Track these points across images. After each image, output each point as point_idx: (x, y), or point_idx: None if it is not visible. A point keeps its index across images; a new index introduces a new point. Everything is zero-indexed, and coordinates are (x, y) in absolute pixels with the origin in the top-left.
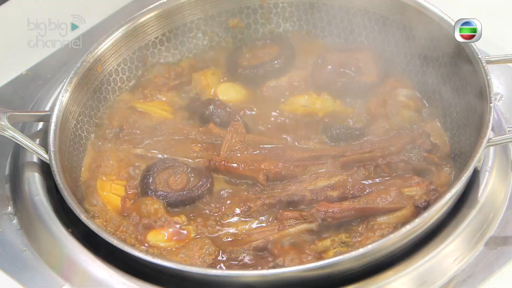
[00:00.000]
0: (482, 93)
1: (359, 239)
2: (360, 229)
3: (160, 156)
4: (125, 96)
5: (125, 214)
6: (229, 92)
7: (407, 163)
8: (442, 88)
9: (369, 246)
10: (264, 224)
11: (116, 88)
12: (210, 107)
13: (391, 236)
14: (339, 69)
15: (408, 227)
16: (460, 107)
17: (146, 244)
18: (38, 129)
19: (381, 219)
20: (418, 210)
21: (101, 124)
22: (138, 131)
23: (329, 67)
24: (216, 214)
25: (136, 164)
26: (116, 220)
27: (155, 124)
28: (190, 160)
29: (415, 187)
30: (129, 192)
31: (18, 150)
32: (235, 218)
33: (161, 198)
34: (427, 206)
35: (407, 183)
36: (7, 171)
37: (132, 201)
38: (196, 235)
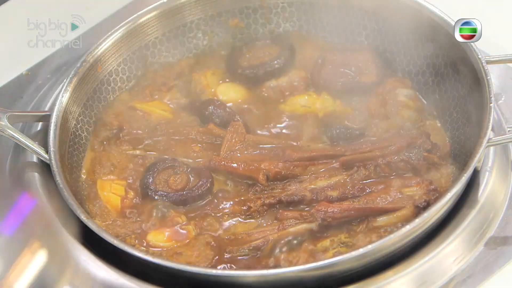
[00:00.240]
0: (482, 93)
1: (359, 239)
2: (360, 229)
3: (160, 156)
4: (125, 96)
5: (125, 214)
6: (229, 92)
7: (407, 163)
8: (442, 88)
9: (369, 246)
10: (264, 224)
11: (116, 88)
12: (210, 107)
13: (391, 236)
14: (339, 69)
15: (408, 227)
16: (460, 107)
17: (146, 244)
18: (38, 129)
19: (381, 219)
20: (418, 210)
21: (101, 124)
22: (138, 131)
23: (329, 67)
24: (216, 214)
25: (136, 164)
26: (116, 220)
27: (155, 124)
28: (190, 160)
29: (415, 187)
30: (129, 192)
31: (18, 150)
32: (235, 218)
33: (161, 198)
34: (427, 206)
35: (407, 183)
36: (7, 171)
37: (132, 201)
38: (196, 235)
